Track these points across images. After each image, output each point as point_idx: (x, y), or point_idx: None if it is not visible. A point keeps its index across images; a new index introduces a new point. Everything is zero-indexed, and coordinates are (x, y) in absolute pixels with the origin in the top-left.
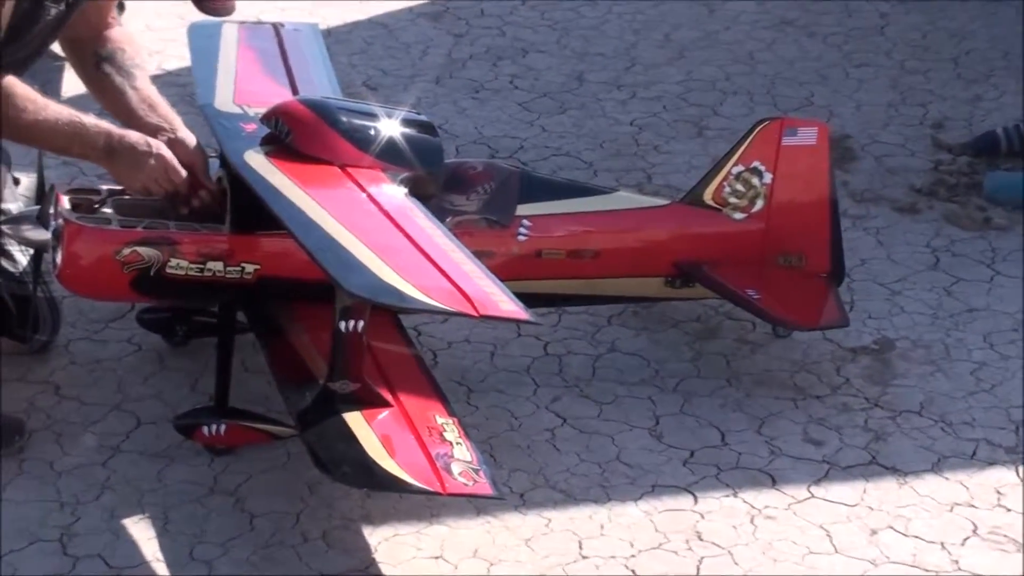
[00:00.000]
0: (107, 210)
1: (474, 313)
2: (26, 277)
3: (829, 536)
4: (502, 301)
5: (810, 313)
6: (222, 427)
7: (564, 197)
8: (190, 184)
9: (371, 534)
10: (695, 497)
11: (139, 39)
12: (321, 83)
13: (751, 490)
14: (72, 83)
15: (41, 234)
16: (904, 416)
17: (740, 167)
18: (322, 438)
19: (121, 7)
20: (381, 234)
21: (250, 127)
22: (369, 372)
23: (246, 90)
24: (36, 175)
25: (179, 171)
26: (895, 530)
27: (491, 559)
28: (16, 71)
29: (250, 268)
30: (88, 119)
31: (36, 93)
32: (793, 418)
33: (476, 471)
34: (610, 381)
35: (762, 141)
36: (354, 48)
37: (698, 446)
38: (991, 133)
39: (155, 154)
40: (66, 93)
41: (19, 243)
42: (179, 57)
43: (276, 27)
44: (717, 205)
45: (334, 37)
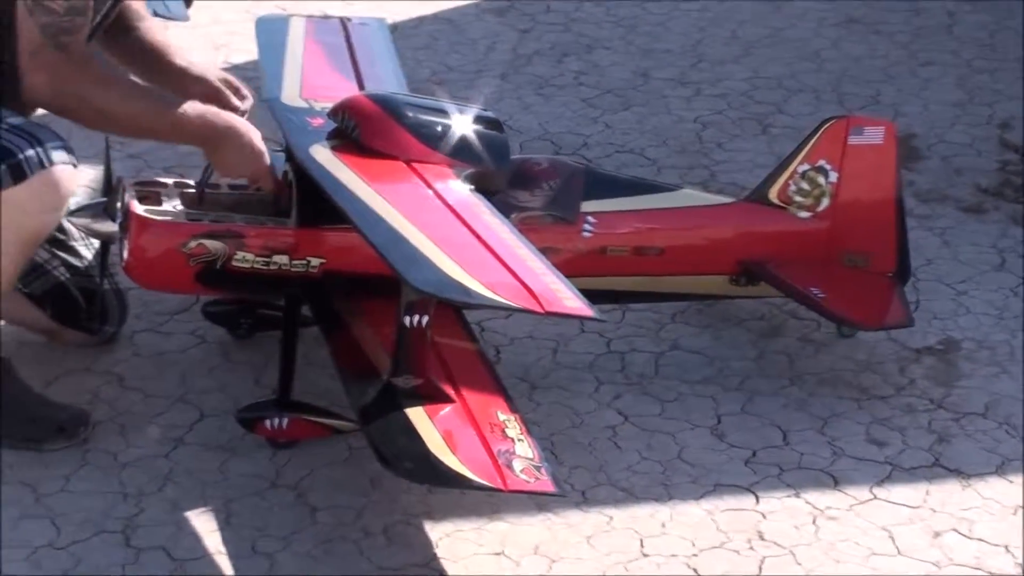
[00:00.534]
0: (174, 203)
1: (539, 309)
2: (92, 270)
3: (892, 538)
4: (567, 298)
5: (875, 313)
6: (284, 421)
7: (629, 194)
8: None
9: (432, 530)
10: (757, 497)
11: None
12: (388, 78)
13: (813, 490)
14: None
15: (108, 226)
16: (968, 418)
17: (806, 166)
18: (384, 433)
19: (189, 1)
20: (447, 229)
21: (316, 122)
22: (432, 367)
23: (313, 84)
24: (103, 167)
25: (264, 153)
26: (959, 532)
27: (552, 556)
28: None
29: (315, 262)
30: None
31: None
32: (856, 419)
33: (538, 468)
34: (673, 379)
35: (828, 140)
36: (420, 43)
37: (760, 445)
38: None
39: (247, 134)
40: None
41: (86, 235)
42: (246, 51)
43: (343, 22)
44: (782, 204)
45: (400, 32)
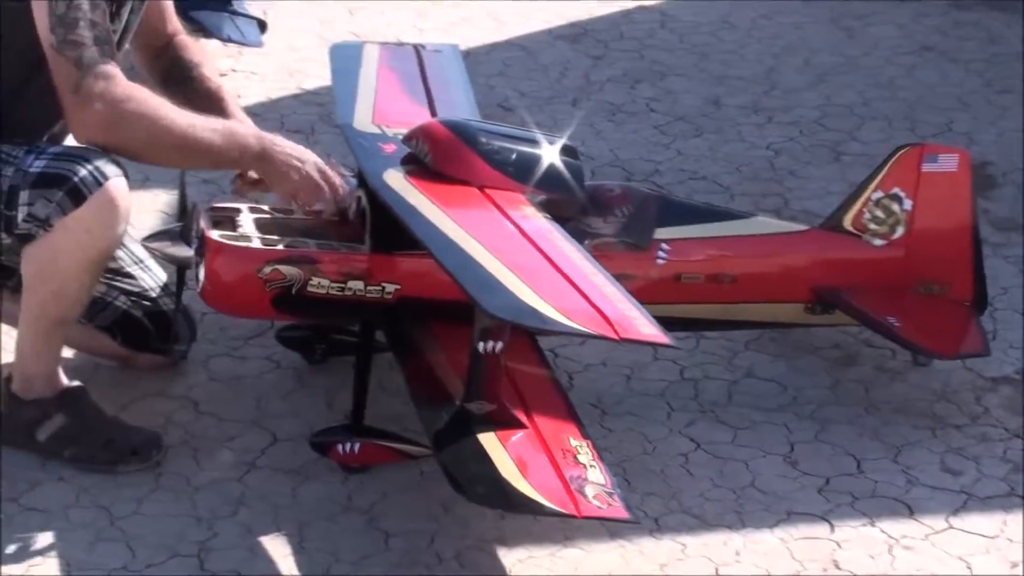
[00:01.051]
0: (249, 228)
1: (614, 336)
2: (150, 292)
3: (969, 568)
4: (643, 325)
5: (951, 342)
6: (357, 445)
7: (702, 221)
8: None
9: (505, 555)
10: (831, 525)
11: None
12: (461, 104)
13: (888, 519)
14: None
15: (183, 251)
16: None
17: (880, 193)
18: (457, 458)
19: (263, 26)
20: (521, 255)
21: (389, 147)
22: (505, 393)
23: (385, 110)
24: (178, 192)
25: (335, 181)
26: None
27: None
28: None
29: (390, 287)
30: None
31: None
32: (931, 447)
33: (610, 494)
34: (746, 407)
35: (902, 167)
36: (493, 69)
37: (834, 474)
38: None
39: (309, 160)
40: None
41: (162, 260)
42: (318, 76)
43: (417, 48)
44: (857, 231)
45: (473, 58)
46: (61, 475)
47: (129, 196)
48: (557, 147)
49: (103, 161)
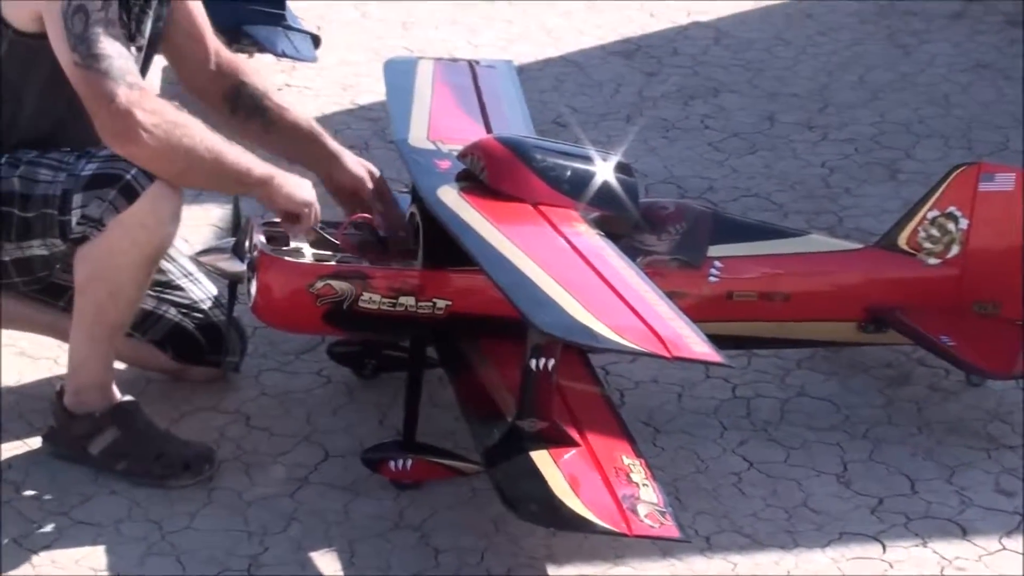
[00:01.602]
0: (301, 243)
1: (667, 354)
2: (200, 304)
3: None
4: (695, 343)
5: (1005, 361)
6: (409, 462)
7: (756, 239)
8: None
9: (556, 573)
10: (883, 546)
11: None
12: (515, 121)
13: (941, 540)
14: None
15: (236, 266)
16: None
17: (936, 212)
18: (509, 475)
19: (317, 41)
20: (574, 272)
21: (444, 163)
22: (557, 411)
23: (440, 126)
24: (231, 207)
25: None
26: None
27: None
28: None
29: (442, 304)
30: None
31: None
32: (985, 468)
33: (662, 513)
34: (798, 426)
35: (958, 186)
36: (546, 85)
37: (887, 494)
38: None
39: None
40: None
41: (214, 274)
42: (372, 92)
43: (471, 64)
44: (912, 250)
45: (526, 74)
46: (113, 489)
47: (181, 191)
48: (612, 164)
49: None
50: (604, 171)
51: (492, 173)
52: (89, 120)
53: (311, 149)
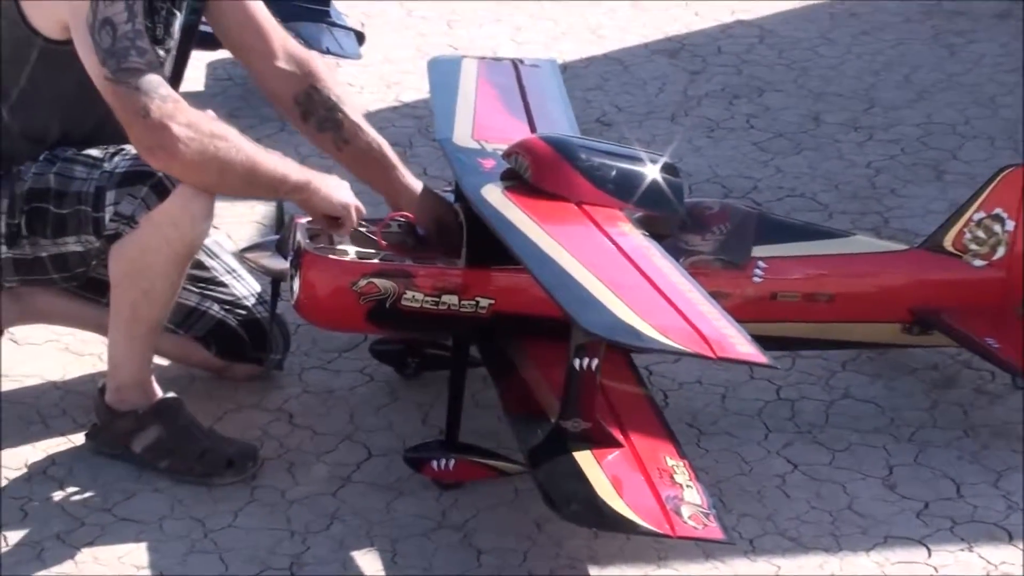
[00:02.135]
0: (344, 241)
1: (711, 355)
2: (244, 300)
3: None
4: (739, 343)
5: None
6: (451, 462)
7: (800, 239)
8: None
9: (598, 574)
10: (929, 550)
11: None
12: (559, 119)
13: (987, 545)
14: None
15: (279, 263)
16: None
17: (982, 213)
18: (552, 476)
19: (361, 38)
20: (618, 272)
21: (488, 162)
22: (601, 411)
23: (484, 125)
24: (275, 205)
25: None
26: None
27: None
28: None
29: (485, 302)
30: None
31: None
32: None
33: (706, 515)
34: (843, 428)
35: (1005, 188)
36: (590, 84)
37: (933, 498)
38: None
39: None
40: None
41: (258, 271)
42: (416, 89)
43: (515, 63)
44: (957, 252)
45: (570, 72)
46: (156, 486)
47: None
48: (659, 164)
49: None
50: (651, 171)
51: (536, 172)
52: None
53: (383, 176)
